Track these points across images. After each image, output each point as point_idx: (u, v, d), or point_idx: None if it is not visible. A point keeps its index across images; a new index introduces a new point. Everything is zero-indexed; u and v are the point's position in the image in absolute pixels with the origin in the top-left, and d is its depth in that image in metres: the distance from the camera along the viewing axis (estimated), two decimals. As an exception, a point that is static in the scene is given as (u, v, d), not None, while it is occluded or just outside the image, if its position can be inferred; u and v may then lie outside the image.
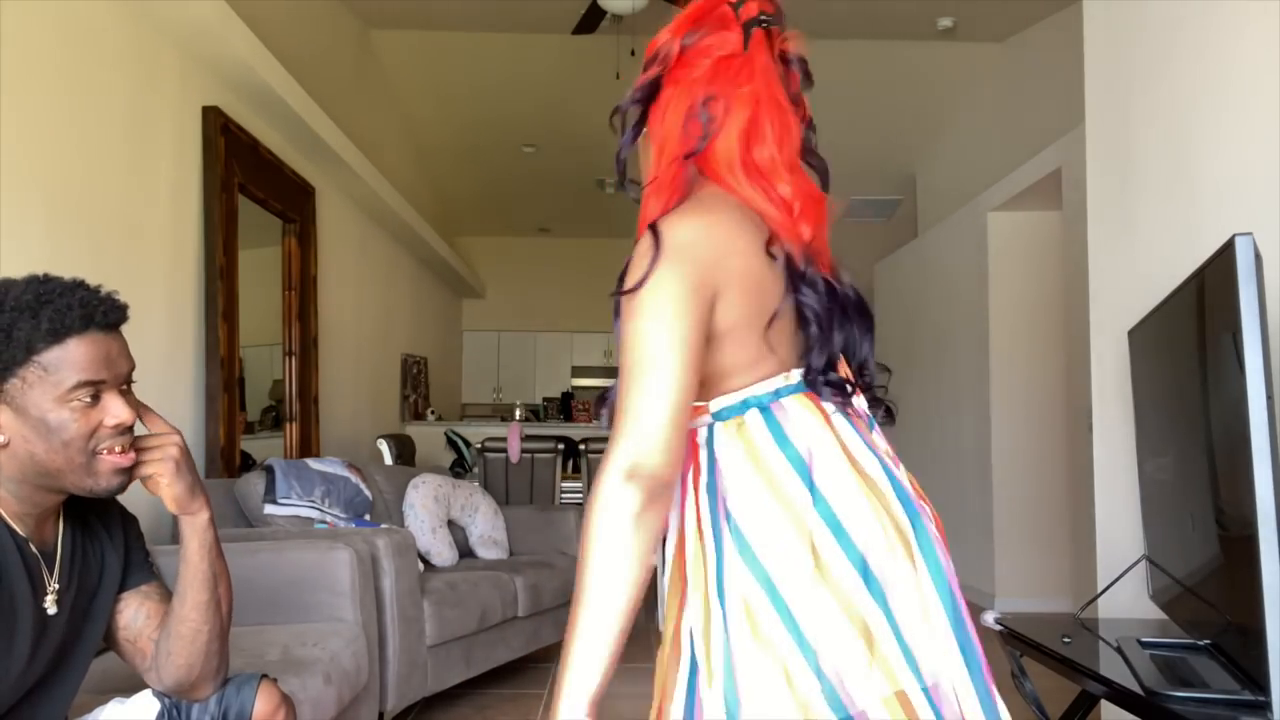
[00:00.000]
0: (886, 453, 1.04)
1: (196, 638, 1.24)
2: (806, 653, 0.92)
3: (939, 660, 0.95)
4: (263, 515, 2.98)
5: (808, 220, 1.04)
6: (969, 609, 1.02)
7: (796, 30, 1.14)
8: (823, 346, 1.01)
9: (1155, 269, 2.40)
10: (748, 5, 1.08)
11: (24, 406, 1.12)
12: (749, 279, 0.99)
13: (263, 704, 1.30)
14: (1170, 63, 2.35)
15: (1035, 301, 5.36)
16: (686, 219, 1.00)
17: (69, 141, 2.58)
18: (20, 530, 1.15)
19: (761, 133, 1.06)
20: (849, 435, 1.01)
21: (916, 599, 0.96)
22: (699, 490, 1.03)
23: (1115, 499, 2.65)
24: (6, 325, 1.12)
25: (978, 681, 0.98)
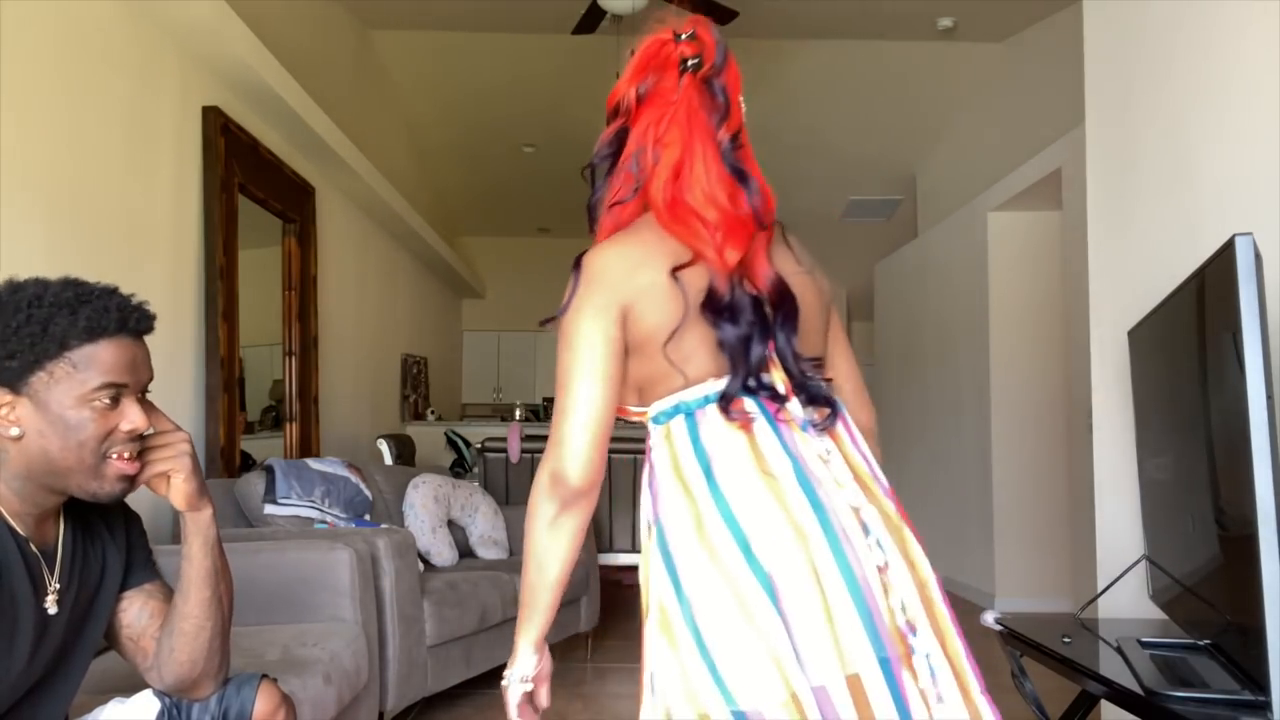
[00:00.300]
0: (819, 455, 1.06)
1: (199, 635, 1.24)
2: (703, 652, 0.98)
3: (834, 660, 0.95)
4: (263, 515, 2.98)
5: (734, 244, 1.10)
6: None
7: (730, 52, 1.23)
8: (737, 370, 1.05)
9: (1155, 269, 2.40)
10: (681, 46, 1.20)
11: (46, 401, 1.13)
12: (660, 293, 1.07)
13: (263, 704, 1.30)
14: (1170, 63, 2.35)
15: (1035, 301, 5.36)
16: (605, 248, 1.15)
17: (69, 141, 2.59)
18: (20, 529, 1.15)
19: (686, 176, 1.15)
20: (766, 438, 1.04)
21: (814, 597, 0.97)
22: (649, 490, 1.15)
23: (1115, 499, 2.65)
24: (44, 319, 1.13)
25: (889, 679, 0.96)
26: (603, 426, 1.09)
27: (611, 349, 1.07)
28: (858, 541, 1.01)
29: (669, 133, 1.17)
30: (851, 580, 0.98)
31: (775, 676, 0.95)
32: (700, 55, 1.21)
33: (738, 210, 1.13)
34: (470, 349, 9.72)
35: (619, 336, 1.07)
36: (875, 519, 1.04)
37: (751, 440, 1.04)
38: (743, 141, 1.25)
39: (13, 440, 1.13)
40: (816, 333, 1.20)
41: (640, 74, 1.24)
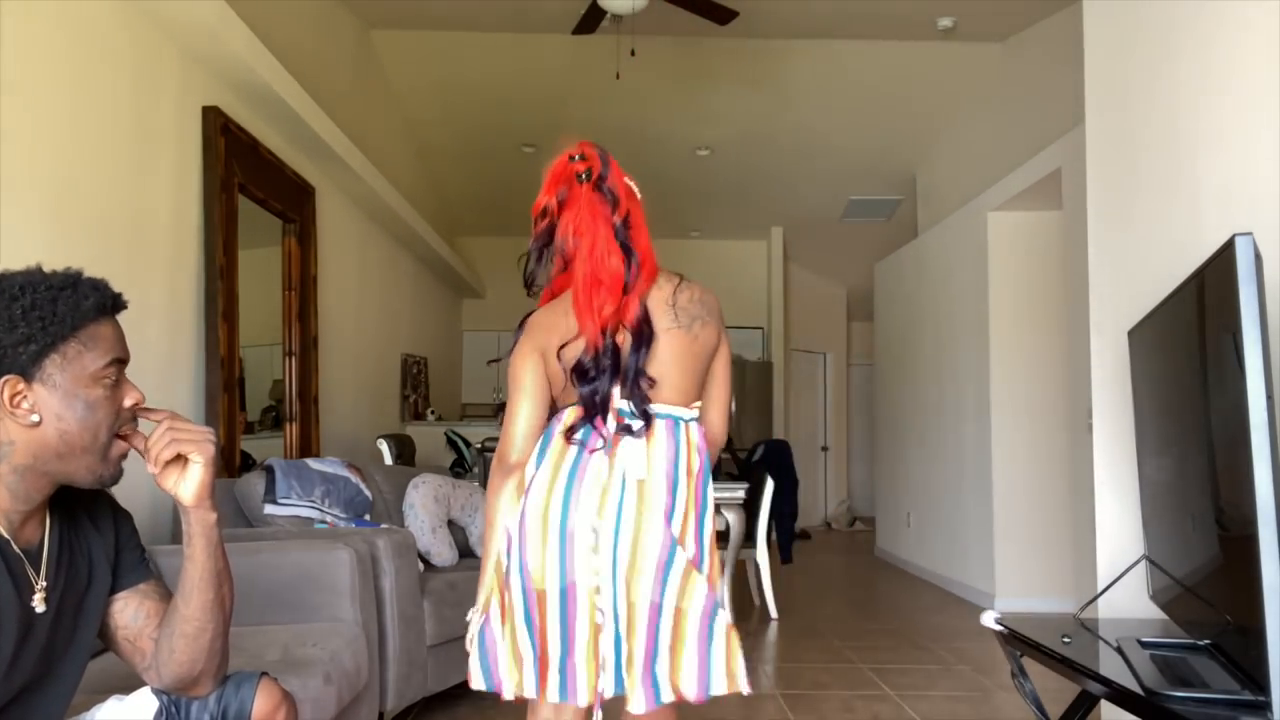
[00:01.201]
0: (617, 473, 1.62)
1: (200, 636, 1.23)
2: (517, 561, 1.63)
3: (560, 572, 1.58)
4: (263, 515, 2.98)
5: (609, 299, 1.63)
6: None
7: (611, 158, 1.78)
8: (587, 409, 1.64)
9: (1155, 269, 2.40)
10: (575, 165, 1.72)
11: (60, 384, 1.13)
12: (553, 338, 1.67)
13: (263, 701, 1.30)
14: (1170, 63, 2.35)
15: (1035, 301, 5.36)
16: (537, 314, 1.75)
17: (69, 141, 2.59)
18: (3, 529, 1.14)
19: (579, 262, 1.67)
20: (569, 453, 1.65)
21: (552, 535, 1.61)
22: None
23: (1115, 499, 2.65)
24: (50, 300, 1.13)
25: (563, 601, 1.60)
26: (531, 427, 1.68)
27: (538, 377, 1.69)
28: (582, 515, 1.60)
29: (579, 225, 1.68)
30: (562, 532, 1.58)
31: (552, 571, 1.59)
32: (590, 168, 1.72)
33: (621, 274, 1.65)
34: (470, 349, 9.72)
35: (542, 368, 1.68)
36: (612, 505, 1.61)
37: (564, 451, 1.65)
38: (632, 222, 1.72)
39: (31, 428, 1.12)
40: (680, 369, 1.67)
41: (553, 187, 1.73)
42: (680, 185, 8.08)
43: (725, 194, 8.32)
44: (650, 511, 1.58)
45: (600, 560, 1.56)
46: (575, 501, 1.58)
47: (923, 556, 6.45)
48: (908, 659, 3.98)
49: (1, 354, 1.10)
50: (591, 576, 1.56)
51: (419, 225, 6.48)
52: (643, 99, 6.43)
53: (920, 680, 3.62)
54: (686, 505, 1.62)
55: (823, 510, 10.27)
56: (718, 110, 6.63)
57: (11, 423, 1.12)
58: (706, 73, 6.12)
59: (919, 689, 3.49)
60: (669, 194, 8.32)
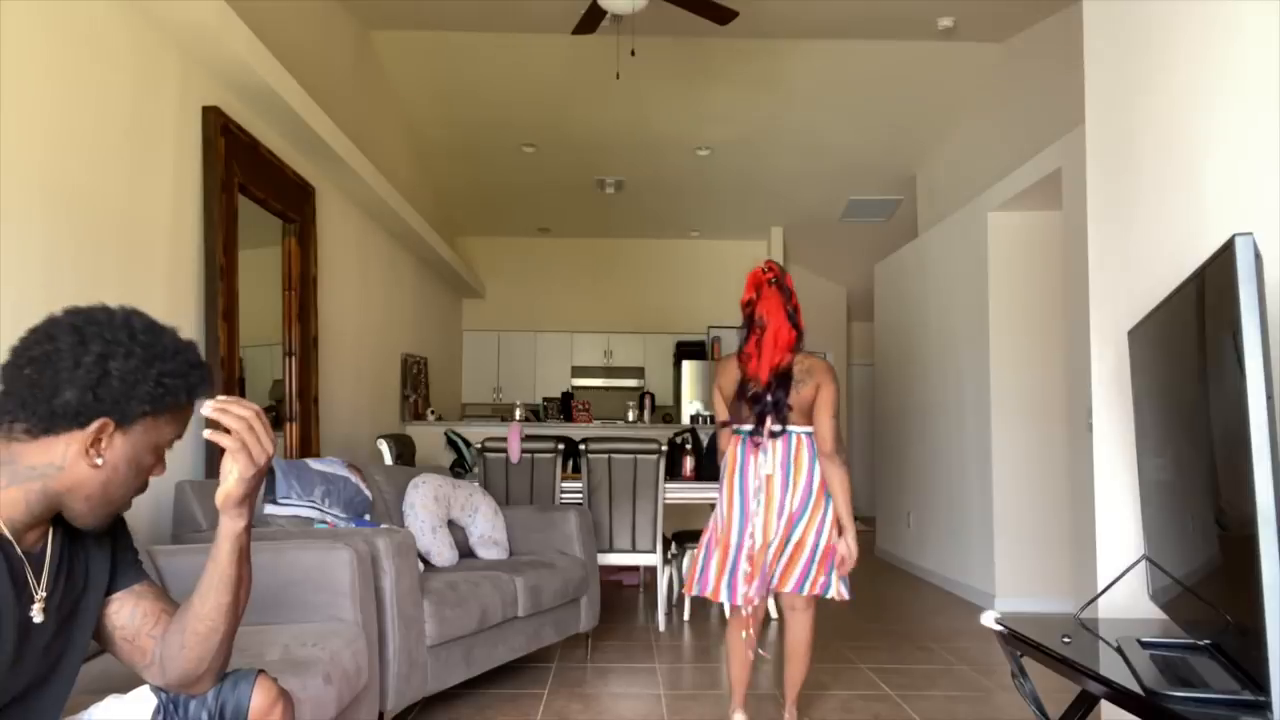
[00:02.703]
0: (761, 470, 2.77)
1: (212, 636, 1.25)
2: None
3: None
4: (263, 515, 2.98)
5: (781, 356, 2.74)
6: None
7: (784, 267, 2.87)
8: (759, 420, 2.75)
9: (1155, 269, 2.40)
10: (766, 274, 2.80)
11: (136, 443, 1.17)
12: (730, 380, 2.83)
13: (260, 698, 1.30)
14: (1170, 63, 2.35)
15: (1035, 301, 5.36)
16: (724, 362, 2.90)
17: (69, 141, 2.59)
18: (7, 532, 1.14)
19: (769, 331, 2.76)
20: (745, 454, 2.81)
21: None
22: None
23: (1115, 499, 2.65)
24: (182, 372, 1.19)
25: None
26: (724, 431, 2.88)
27: (721, 402, 2.87)
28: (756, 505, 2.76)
29: (769, 310, 2.78)
30: (742, 519, 2.76)
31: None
32: (774, 276, 2.80)
33: (791, 341, 2.78)
34: (470, 349, 9.72)
35: (720, 398, 2.86)
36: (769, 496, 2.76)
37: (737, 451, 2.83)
38: (795, 305, 2.81)
39: (90, 467, 1.14)
40: (796, 406, 2.74)
41: (752, 288, 2.82)
42: (680, 185, 8.08)
43: (725, 194, 8.32)
44: (776, 488, 2.74)
45: (757, 517, 2.75)
46: (746, 486, 2.77)
47: (923, 556, 6.45)
48: (908, 659, 3.98)
49: (117, 400, 1.13)
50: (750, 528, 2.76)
51: (419, 225, 6.48)
52: (643, 99, 6.43)
53: (920, 680, 3.62)
54: (795, 483, 2.75)
55: (823, 510, 10.26)
56: (718, 110, 6.63)
57: (76, 453, 1.14)
58: (706, 73, 6.12)
59: (919, 689, 3.49)
60: (669, 194, 8.32)
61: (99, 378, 1.11)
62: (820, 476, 2.74)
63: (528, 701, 3.26)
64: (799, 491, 2.73)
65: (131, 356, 1.14)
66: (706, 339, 9.56)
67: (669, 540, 5.02)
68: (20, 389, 1.11)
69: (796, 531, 2.74)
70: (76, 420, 1.12)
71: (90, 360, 1.11)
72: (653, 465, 4.57)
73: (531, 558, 3.73)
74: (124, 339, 1.14)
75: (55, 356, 1.11)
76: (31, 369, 1.11)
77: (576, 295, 9.78)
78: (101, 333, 1.13)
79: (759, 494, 2.73)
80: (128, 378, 1.13)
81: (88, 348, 1.11)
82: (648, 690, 3.45)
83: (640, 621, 4.79)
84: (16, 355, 1.13)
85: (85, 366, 1.11)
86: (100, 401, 1.12)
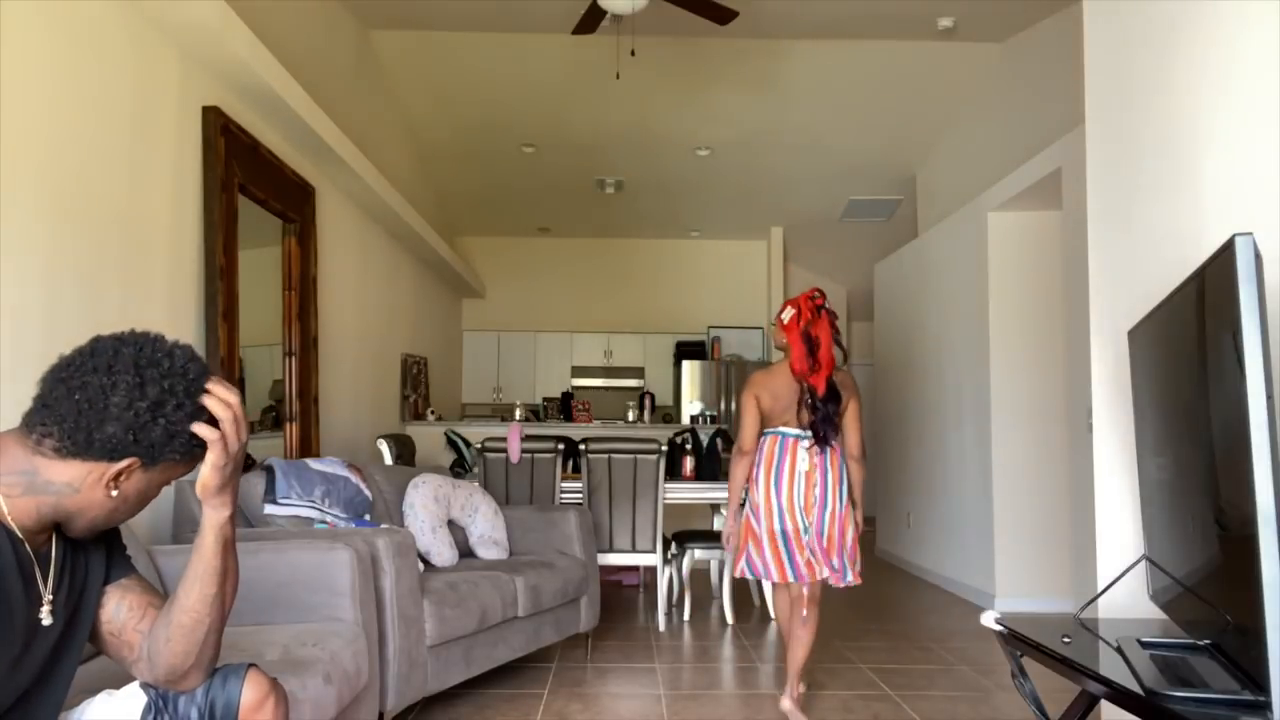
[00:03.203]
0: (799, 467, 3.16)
1: (197, 629, 1.24)
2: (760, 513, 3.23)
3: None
4: (263, 515, 2.98)
5: (827, 371, 3.14)
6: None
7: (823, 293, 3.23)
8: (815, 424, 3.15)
9: (1155, 269, 2.40)
10: (817, 300, 3.19)
11: (151, 480, 1.18)
12: (770, 391, 3.20)
13: (251, 693, 1.29)
14: (1170, 62, 2.35)
15: (1035, 301, 5.36)
16: (757, 374, 3.30)
17: (70, 141, 2.59)
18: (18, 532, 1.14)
19: (823, 350, 3.13)
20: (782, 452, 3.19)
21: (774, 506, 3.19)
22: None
23: (1115, 499, 2.65)
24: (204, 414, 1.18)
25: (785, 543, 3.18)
26: (754, 434, 3.19)
27: (754, 408, 3.20)
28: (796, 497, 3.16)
29: (818, 331, 3.13)
30: (779, 507, 3.16)
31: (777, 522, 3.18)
32: (824, 304, 3.18)
33: (834, 360, 3.15)
34: (470, 349, 9.72)
35: (755, 404, 3.20)
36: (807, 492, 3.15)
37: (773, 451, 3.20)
38: (838, 328, 3.19)
39: (104, 496, 1.15)
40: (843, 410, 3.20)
41: (808, 311, 3.15)
42: (680, 185, 8.08)
43: (725, 194, 8.32)
44: (811, 486, 3.15)
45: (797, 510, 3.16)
46: (781, 480, 3.16)
47: (923, 556, 6.45)
48: (908, 659, 3.98)
49: (162, 442, 1.14)
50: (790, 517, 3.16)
51: (419, 225, 6.48)
52: (643, 99, 6.43)
53: (920, 680, 3.62)
54: (829, 481, 3.15)
55: (823, 510, 10.27)
56: (718, 110, 6.63)
57: (95, 480, 1.14)
58: (706, 73, 6.12)
59: (919, 689, 3.49)
60: (669, 194, 8.32)
61: (147, 423, 1.12)
62: (847, 475, 3.20)
63: (528, 701, 3.26)
64: (832, 489, 3.14)
65: (181, 409, 1.14)
66: (706, 339, 9.56)
67: (669, 540, 5.02)
68: (64, 409, 1.11)
69: (825, 525, 3.13)
70: (110, 455, 1.13)
71: (144, 405, 1.12)
72: (653, 465, 4.57)
73: (531, 558, 3.73)
74: (179, 390, 1.14)
75: (110, 392, 1.11)
76: (82, 396, 1.11)
77: (576, 295, 9.78)
78: (161, 380, 1.13)
79: (796, 487, 3.15)
80: (171, 429, 1.14)
81: (145, 392, 1.12)
82: (648, 690, 3.45)
83: (640, 621, 4.79)
84: (69, 375, 1.12)
85: (137, 410, 1.11)
86: (138, 444, 1.13)
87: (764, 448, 3.18)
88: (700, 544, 5.01)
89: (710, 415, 8.85)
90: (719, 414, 8.94)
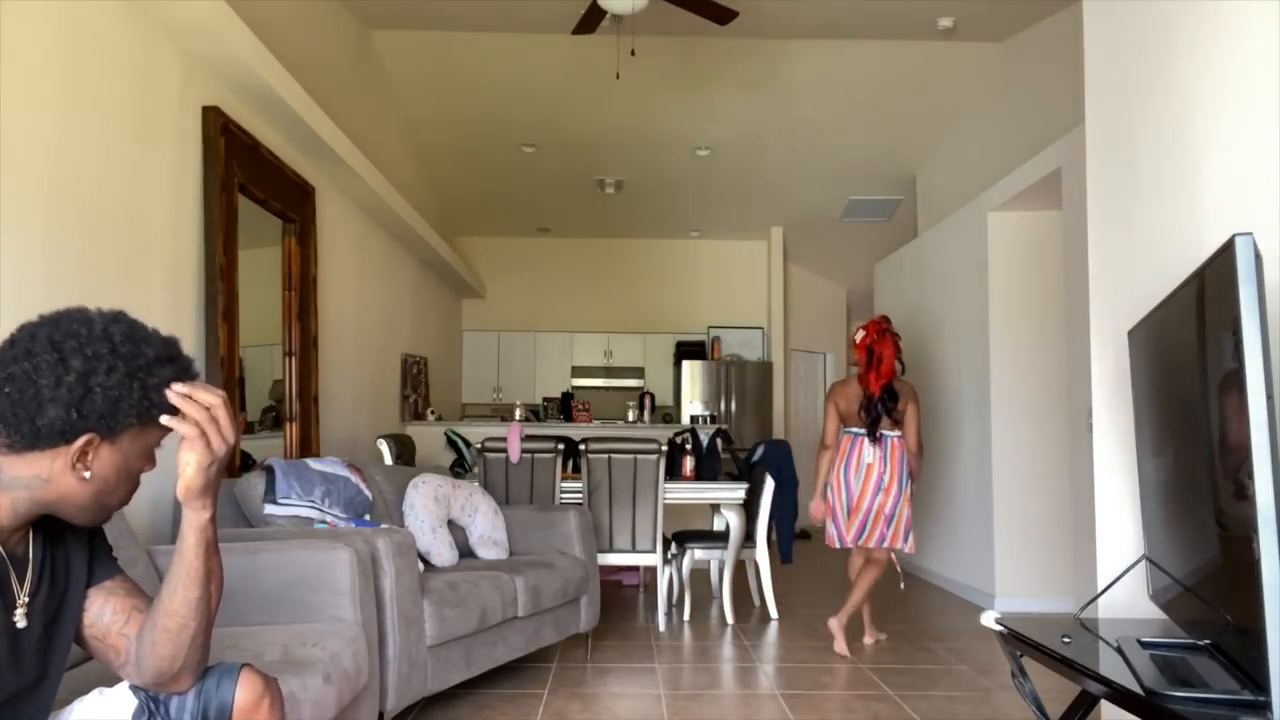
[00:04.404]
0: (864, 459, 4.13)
1: (182, 632, 1.21)
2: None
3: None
4: (263, 515, 2.98)
5: (887, 379, 4.07)
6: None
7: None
8: (870, 424, 4.10)
9: (1155, 269, 2.40)
10: (883, 324, 4.17)
11: (124, 452, 1.14)
12: (845, 398, 4.17)
13: (245, 693, 1.26)
14: (1170, 63, 2.35)
15: (1035, 301, 5.36)
16: (836, 385, 4.31)
17: (70, 141, 2.59)
18: None
19: (885, 363, 4.06)
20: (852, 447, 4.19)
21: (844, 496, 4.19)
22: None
23: (1115, 499, 2.65)
24: (159, 381, 1.14)
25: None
26: (834, 431, 4.21)
27: (835, 412, 4.20)
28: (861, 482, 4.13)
29: (883, 349, 4.06)
30: (848, 489, 4.13)
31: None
32: (889, 328, 4.11)
33: (895, 372, 4.12)
34: (470, 349, 9.72)
35: (835, 409, 4.19)
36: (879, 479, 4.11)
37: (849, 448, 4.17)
38: (900, 347, 4.13)
39: (78, 480, 1.12)
40: (898, 415, 4.09)
41: (874, 334, 4.07)
42: (680, 185, 8.08)
43: (725, 194, 8.32)
44: (874, 475, 4.03)
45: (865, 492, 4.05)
46: (850, 468, 4.07)
47: (923, 556, 6.45)
48: (908, 659, 3.98)
49: (102, 416, 1.10)
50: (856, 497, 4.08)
51: (419, 225, 6.48)
52: (643, 99, 6.43)
53: (920, 680, 3.62)
54: (889, 470, 4.04)
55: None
56: (718, 110, 6.63)
57: (62, 467, 1.11)
58: (706, 73, 6.12)
59: (919, 689, 3.49)
60: (669, 194, 8.32)
61: (82, 396, 1.08)
62: (905, 466, 4.06)
63: (528, 701, 3.26)
64: (890, 476, 4.04)
65: (114, 371, 1.10)
66: (706, 339, 9.55)
67: (669, 540, 5.02)
68: (2, 407, 1.08)
69: (886, 505, 4.04)
70: (62, 438, 1.09)
71: (72, 379, 1.08)
72: (653, 465, 4.57)
73: (531, 558, 3.73)
74: (105, 353, 1.10)
75: (35, 375, 1.07)
76: (11, 388, 1.07)
77: (576, 295, 9.78)
78: (82, 348, 1.09)
79: (860, 474, 4.06)
80: (111, 393, 1.09)
81: (68, 365, 1.08)
82: (648, 690, 3.45)
83: (640, 621, 4.79)
84: None
85: (67, 385, 1.07)
86: (85, 419, 1.09)
87: (842, 443, 4.14)
88: (700, 544, 5.01)
89: (710, 415, 8.85)
90: (719, 414, 8.94)
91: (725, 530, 4.95)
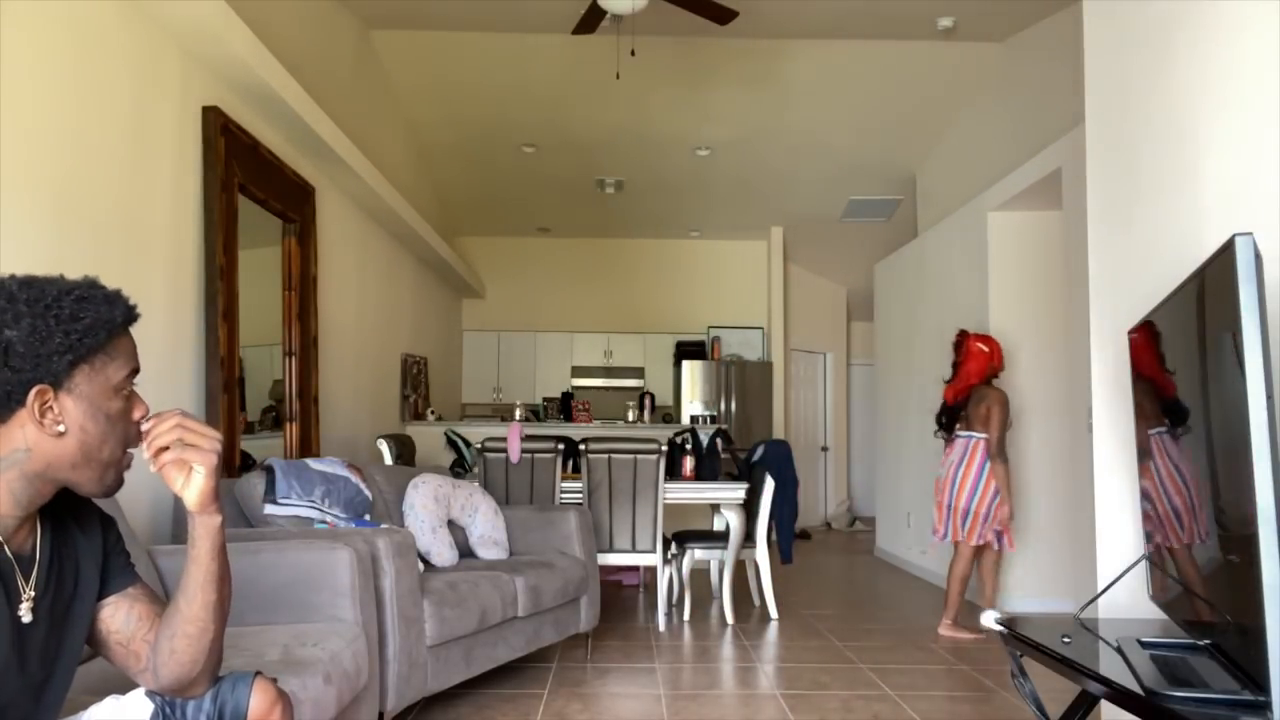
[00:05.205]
0: (949, 459, 4.65)
1: (203, 636, 1.24)
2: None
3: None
4: (263, 515, 2.98)
5: (948, 390, 4.75)
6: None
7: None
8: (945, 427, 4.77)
9: (1155, 269, 2.40)
10: (975, 341, 4.65)
11: (87, 394, 1.13)
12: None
13: (258, 701, 1.29)
14: (1170, 63, 2.35)
15: (1035, 301, 5.36)
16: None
17: (70, 141, 2.59)
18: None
19: (971, 372, 4.65)
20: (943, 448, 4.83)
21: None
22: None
23: (1115, 499, 2.65)
24: (82, 310, 1.13)
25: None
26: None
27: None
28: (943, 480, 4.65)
29: (967, 359, 4.69)
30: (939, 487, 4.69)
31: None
32: (969, 341, 4.70)
33: (974, 381, 4.65)
34: (470, 349, 9.72)
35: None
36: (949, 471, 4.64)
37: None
38: (994, 356, 4.68)
39: (55, 437, 1.12)
40: (980, 416, 4.53)
41: (962, 346, 4.71)
42: (680, 185, 8.08)
43: (725, 194, 8.32)
44: (951, 473, 4.55)
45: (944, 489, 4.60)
46: (941, 467, 4.66)
47: (923, 556, 6.44)
48: (908, 659, 3.98)
49: (36, 363, 1.10)
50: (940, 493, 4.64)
51: (419, 225, 6.48)
52: (643, 99, 6.43)
53: (920, 680, 3.62)
54: (966, 471, 4.45)
55: (823, 510, 10.27)
56: (718, 110, 6.63)
57: (34, 430, 1.11)
58: (706, 73, 6.12)
59: (919, 689, 3.49)
60: (669, 194, 8.32)
61: (4, 351, 1.08)
62: (984, 464, 4.41)
63: (528, 701, 3.26)
64: (961, 475, 4.47)
65: (21, 317, 1.10)
66: (706, 339, 9.55)
67: (669, 540, 5.02)
68: None
69: (962, 500, 4.44)
70: (11, 400, 1.10)
71: None
72: (653, 465, 4.57)
73: (531, 558, 3.73)
74: (4, 304, 1.11)
75: None
76: None
77: (576, 295, 9.78)
78: None
79: (944, 472, 4.59)
80: (30, 339, 1.09)
81: None
82: (648, 690, 3.45)
83: (640, 621, 4.79)
84: None
85: None
86: (19, 372, 1.09)
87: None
88: (700, 544, 5.01)
89: (710, 415, 8.85)
90: (719, 414, 8.95)
91: (725, 530, 4.95)
